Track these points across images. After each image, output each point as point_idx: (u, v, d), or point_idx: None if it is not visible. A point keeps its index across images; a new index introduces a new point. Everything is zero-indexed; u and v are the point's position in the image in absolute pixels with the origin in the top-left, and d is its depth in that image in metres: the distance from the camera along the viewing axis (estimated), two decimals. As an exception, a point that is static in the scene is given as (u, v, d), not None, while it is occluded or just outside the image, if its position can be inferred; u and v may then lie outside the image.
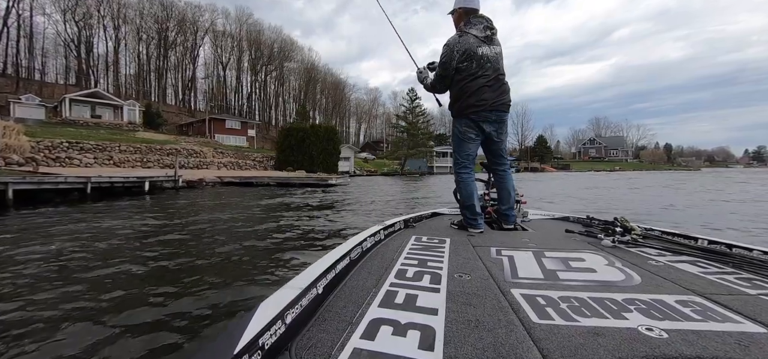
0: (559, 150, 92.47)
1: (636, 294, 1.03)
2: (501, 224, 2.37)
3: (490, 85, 2.30)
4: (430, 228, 2.26)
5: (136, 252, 4.04)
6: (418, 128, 50.82)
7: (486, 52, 2.29)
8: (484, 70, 2.29)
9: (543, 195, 13.05)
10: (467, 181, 2.36)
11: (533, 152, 70.23)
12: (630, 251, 1.59)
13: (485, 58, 2.29)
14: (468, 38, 2.30)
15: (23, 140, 14.45)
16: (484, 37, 2.31)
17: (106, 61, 50.99)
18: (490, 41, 2.32)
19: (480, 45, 2.29)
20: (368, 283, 1.12)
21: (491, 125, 2.34)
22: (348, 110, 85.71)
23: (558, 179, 29.07)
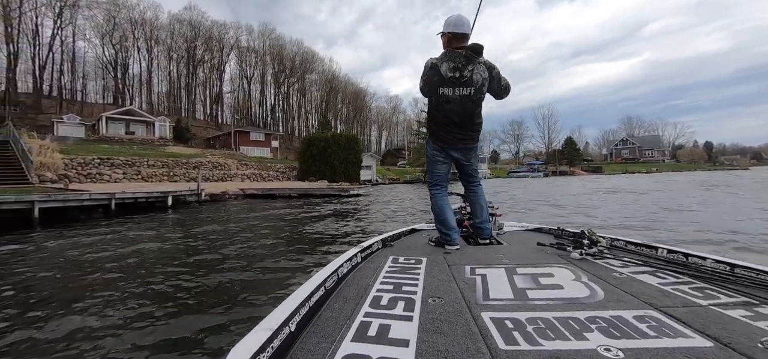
0: (588, 152, 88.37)
1: (598, 311, 1.10)
2: (477, 238, 2.42)
3: (452, 126, 2.27)
4: (408, 247, 2.26)
5: (150, 275, 4.06)
6: (440, 134, 49.98)
7: (448, 93, 2.20)
8: (447, 111, 2.24)
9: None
10: (438, 197, 2.38)
11: (561, 155, 67.32)
12: (596, 264, 1.67)
13: (445, 99, 2.22)
14: (434, 72, 2.22)
15: (57, 157, 15.08)
16: (450, 77, 2.18)
17: (140, 81, 53.82)
18: (457, 83, 2.18)
19: (443, 85, 2.20)
20: (343, 314, 1.13)
21: (458, 152, 2.37)
22: (369, 118, 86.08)
23: (595, 183, 27.35)
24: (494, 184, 34.00)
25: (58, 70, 45.78)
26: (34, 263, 4.87)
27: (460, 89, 2.18)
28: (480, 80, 2.19)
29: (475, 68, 2.18)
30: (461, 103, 2.20)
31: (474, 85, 2.17)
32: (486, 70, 2.22)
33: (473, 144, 2.38)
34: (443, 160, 2.40)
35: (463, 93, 2.18)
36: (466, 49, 2.19)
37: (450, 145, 2.34)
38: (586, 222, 5.29)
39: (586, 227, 2.02)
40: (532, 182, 39.05)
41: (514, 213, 9.07)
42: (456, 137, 2.30)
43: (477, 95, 2.21)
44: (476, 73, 2.18)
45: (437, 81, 2.19)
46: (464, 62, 2.16)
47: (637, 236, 3.08)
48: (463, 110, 2.22)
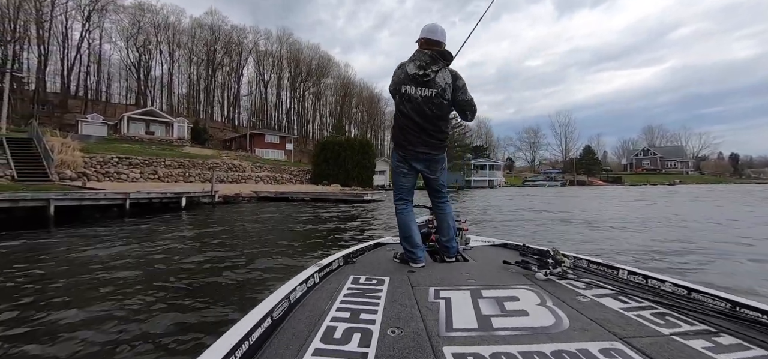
0: (606, 161, 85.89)
1: (564, 344, 1.09)
2: (443, 255, 2.37)
3: (413, 128, 2.20)
4: (371, 264, 2.18)
5: (158, 277, 4.13)
6: (454, 140, 49.35)
7: (410, 92, 2.17)
8: (408, 110, 2.19)
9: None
10: (403, 213, 2.32)
11: (579, 165, 65.57)
12: (561, 285, 1.68)
13: (407, 97, 2.19)
14: (402, 71, 2.22)
15: (77, 155, 15.43)
16: (413, 75, 2.16)
17: (161, 83, 55.32)
18: (420, 82, 2.16)
19: (407, 83, 2.18)
20: (288, 352, 1.03)
21: (420, 163, 2.29)
22: (383, 122, 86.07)
23: (625, 194, 26.34)
24: (509, 193, 33.24)
25: (84, 72, 47.51)
26: (39, 261, 4.83)
27: (422, 89, 2.15)
28: (442, 84, 2.15)
29: (439, 71, 2.16)
30: (423, 104, 2.16)
31: (436, 87, 2.14)
32: (450, 77, 2.19)
33: (437, 155, 2.29)
34: (407, 172, 2.31)
35: (425, 93, 2.15)
36: (433, 49, 2.19)
37: (412, 155, 2.25)
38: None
39: (552, 249, 1.99)
40: (549, 192, 38.00)
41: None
42: (417, 144, 2.21)
43: (439, 99, 2.16)
44: (439, 76, 2.15)
45: (402, 78, 2.19)
46: (428, 61, 2.15)
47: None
48: (425, 112, 2.16)
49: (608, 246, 5.90)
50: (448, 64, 2.24)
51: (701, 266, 4.47)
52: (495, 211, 13.24)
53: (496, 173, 54.91)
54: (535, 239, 6.12)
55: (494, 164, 56.58)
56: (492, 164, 56.24)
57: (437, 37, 2.24)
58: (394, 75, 2.26)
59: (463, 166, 49.18)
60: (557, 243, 5.01)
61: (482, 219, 10.44)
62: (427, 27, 2.27)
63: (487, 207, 16.16)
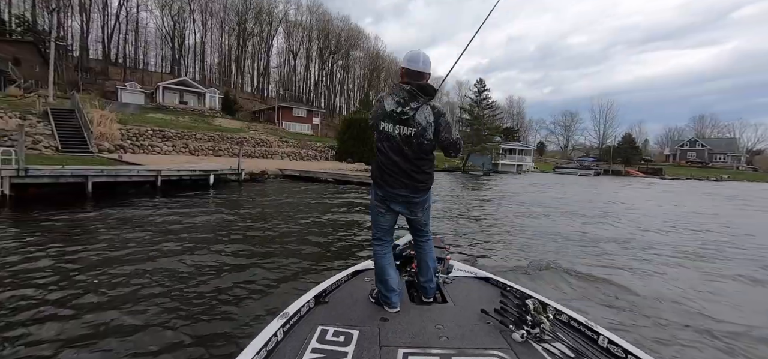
0: (647, 150, 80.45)
1: None
2: (421, 295, 2.28)
3: (391, 168, 2.06)
4: (344, 304, 2.08)
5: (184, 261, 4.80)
6: (484, 122, 47.39)
7: (389, 129, 2.04)
8: (386, 148, 2.06)
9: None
10: (379, 254, 2.18)
11: (616, 153, 61.81)
12: (537, 352, 1.63)
13: (385, 135, 2.06)
14: (380, 105, 2.08)
15: (114, 128, 16.11)
16: (390, 111, 2.02)
17: (194, 52, 56.45)
18: (397, 120, 2.01)
19: (385, 119, 2.04)
20: None
21: (399, 205, 2.14)
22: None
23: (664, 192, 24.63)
24: (535, 181, 31.94)
25: (123, 39, 49.18)
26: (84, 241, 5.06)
27: (401, 128, 2.01)
28: (423, 123, 2.00)
29: (419, 108, 2.00)
30: (402, 143, 2.02)
31: (416, 125, 1.99)
32: (432, 115, 2.03)
33: (419, 197, 2.13)
34: (385, 212, 2.17)
35: (404, 132, 2.01)
36: (412, 84, 2.02)
37: (390, 196, 2.10)
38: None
39: (532, 300, 1.88)
40: (580, 183, 36.26)
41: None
42: (396, 185, 2.07)
43: (420, 138, 2.01)
44: (420, 114, 2.00)
45: (380, 114, 2.05)
46: (406, 98, 1.99)
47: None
48: (404, 151, 2.02)
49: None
50: (430, 100, 2.06)
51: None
52: (498, 214, 12.62)
53: (526, 158, 52.49)
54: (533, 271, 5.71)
55: (524, 149, 53.96)
56: (522, 148, 53.62)
57: (418, 68, 2.05)
58: (372, 109, 2.14)
59: (491, 150, 47.30)
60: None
61: (484, 217, 9.98)
62: (407, 55, 2.09)
63: (505, 196, 15.49)
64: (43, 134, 14.09)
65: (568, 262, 5.42)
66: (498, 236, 7.47)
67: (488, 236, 7.44)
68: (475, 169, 43.04)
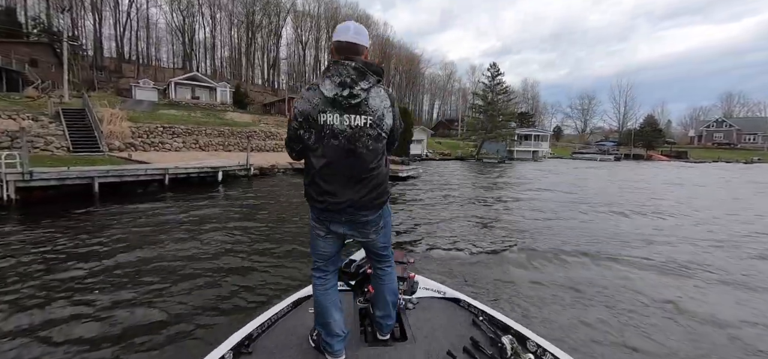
0: (670, 132, 77.04)
1: None
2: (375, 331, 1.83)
3: (331, 177, 1.50)
4: (274, 354, 1.64)
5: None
6: (498, 107, 45.90)
7: (331, 121, 1.45)
8: (327, 148, 1.47)
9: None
10: (320, 290, 1.69)
11: (638, 136, 59.35)
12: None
13: (329, 130, 1.45)
14: (314, 93, 1.47)
15: (125, 126, 16.13)
16: (334, 96, 1.43)
17: (204, 46, 56.68)
18: (345, 106, 1.44)
19: (325, 110, 1.44)
20: None
21: (344, 227, 1.59)
22: (422, 86, 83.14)
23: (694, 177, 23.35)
24: (551, 168, 30.83)
25: (135, 36, 49.70)
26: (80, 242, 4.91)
27: (352, 116, 1.46)
28: (380, 108, 1.49)
29: (372, 89, 1.48)
30: (352, 139, 1.46)
31: (371, 113, 1.47)
32: (388, 99, 1.52)
33: (371, 214, 1.58)
34: (324, 235, 1.64)
35: (356, 123, 1.46)
36: (355, 59, 1.49)
37: (328, 217, 1.58)
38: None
39: (509, 337, 1.63)
40: (599, 168, 34.91)
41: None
42: (340, 201, 1.52)
43: (376, 129, 1.49)
44: (374, 98, 1.48)
45: (316, 103, 1.47)
46: (356, 76, 1.45)
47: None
48: (357, 151, 1.47)
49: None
50: (382, 79, 1.54)
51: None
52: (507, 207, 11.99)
53: (542, 144, 50.89)
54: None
55: (540, 134, 52.24)
56: (538, 133, 51.86)
57: (349, 37, 1.51)
58: (297, 103, 1.52)
59: (505, 136, 45.91)
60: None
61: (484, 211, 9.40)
62: (338, 27, 1.55)
63: (518, 184, 14.76)
64: (55, 135, 14.18)
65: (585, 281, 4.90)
66: (498, 239, 6.95)
67: (486, 237, 6.93)
68: (489, 156, 42.03)
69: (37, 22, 36.54)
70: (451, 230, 7.18)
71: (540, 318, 3.47)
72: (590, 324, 3.37)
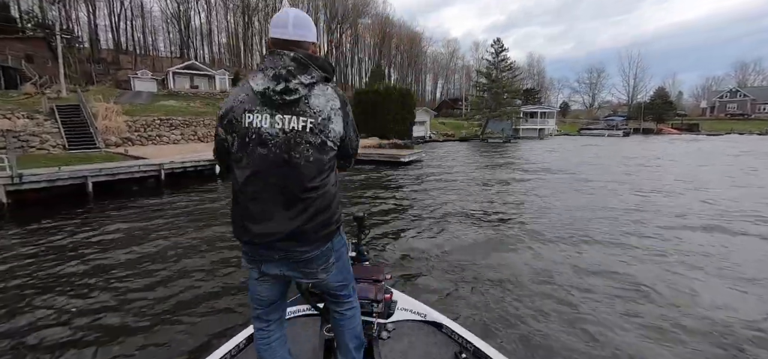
0: (681, 104, 74.92)
1: None
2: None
3: (261, 193, 1.16)
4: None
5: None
6: (503, 84, 44.68)
7: (259, 123, 1.13)
8: (252, 158, 1.14)
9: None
10: (261, 344, 1.37)
11: (648, 109, 57.77)
12: None
13: (255, 134, 1.14)
14: (240, 91, 1.18)
15: (120, 121, 15.87)
16: (263, 90, 1.12)
17: (201, 33, 55.74)
18: (278, 104, 1.13)
19: (252, 108, 1.14)
20: None
21: (280, 267, 1.24)
22: (424, 65, 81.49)
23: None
24: (557, 146, 30.14)
25: (130, 26, 48.95)
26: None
27: (286, 117, 1.13)
28: (325, 110, 1.16)
29: (315, 86, 1.16)
30: (285, 146, 1.13)
31: (313, 115, 1.15)
32: (337, 99, 1.21)
33: (313, 250, 1.23)
34: (258, 276, 1.31)
35: (292, 126, 1.13)
36: (297, 52, 1.16)
37: (258, 256, 1.24)
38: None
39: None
40: (609, 142, 34.17)
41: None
42: (268, 227, 1.16)
43: (319, 136, 1.15)
44: (318, 96, 1.16)
45: (242, 100, 1.16)
46: (294, 68, 1.13)
47: None
48: (293, 161, 1.14)
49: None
50: (331, 79, 1.25)
51: None
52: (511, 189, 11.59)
53: (549, 121, 49.61)
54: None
55: (546, 111, 50.85)
56: (544, 110, 50.48)
57: (288, 34, 1.19)
58: (223, 102, 1.22)
59: (511, 114, 44.79)
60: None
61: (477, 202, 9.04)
62: (274, 19, 1.23)
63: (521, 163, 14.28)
64: (51, 133, 13.98)
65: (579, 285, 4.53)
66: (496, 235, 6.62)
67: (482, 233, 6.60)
68: (494, 136, 41.23)
69: (30, 16, 36.02)
70: (445, 230, 6.38)
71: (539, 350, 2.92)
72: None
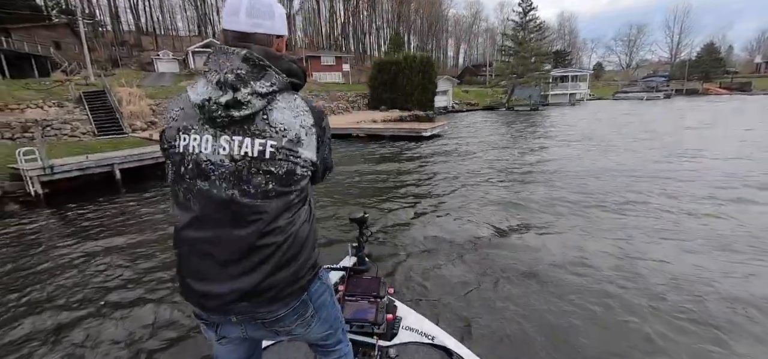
0: (732, 60, 68.12)
1: None
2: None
3: (205, 245, 0.87)
4: None
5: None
6: (531, 48, 41.65)
7: (198, 147, 0.85)
8: (191, 196, 0.87)
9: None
10: None
11: (693, 68, 52.96)
12: None
13: (192, 162, 0.86)
14: (175, 104, 0.92)
15: (144, 105, 16.06)
16: (202, 102, 0.82)
17: (216, 9, 55.40)
18: (219, 121, 0.83)
19: (189, 127, 0.86)
20: None
21: (240, 328, 0.96)
22: (445, 29, 77.93)
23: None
24: (591, 112, 28.21)
25: (149, 6, 49.26)
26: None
27: (234, 140, 0.84)
28: (291, 128, 0.86)
29: (277, 96, 0.86)
30: (233, 180, 0.84)
31: (274, 135, 0.85)
32: (310, 115, 0.90)
33: (283, 309, 0.92)
34: (218, 340, 1.00)
35: (242, 152, 0.84)
36: (252, 49, 0.85)
37: (208, 318, 0.94)
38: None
39: None
40: (651, 108, 31.77)
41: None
42: (216, 287, 0.87)
43: (281, 164, 0.85)
44: (281, 110, 0.86)
45: (179, 117, 0.88)
46: (246, 72, 0.83)
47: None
48: (240, 201, 0.84)
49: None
50: (300, 87, 0.94)
51: None
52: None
53: (581, 85, 46.37)
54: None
55: (578, 74, 47.34)
56: (575, 73, 47.01)
57: (241, 27, 0.87)
58: (164, 118, 0.97)
59: (539, 79, 42.09)
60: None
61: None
62: (225, 5, 0.90)
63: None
64: (80, 120, 14.34)
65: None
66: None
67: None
68: (521, 103, 39.22)
69: (54, 2, 36.78)
70: (464, 225, 5.40)
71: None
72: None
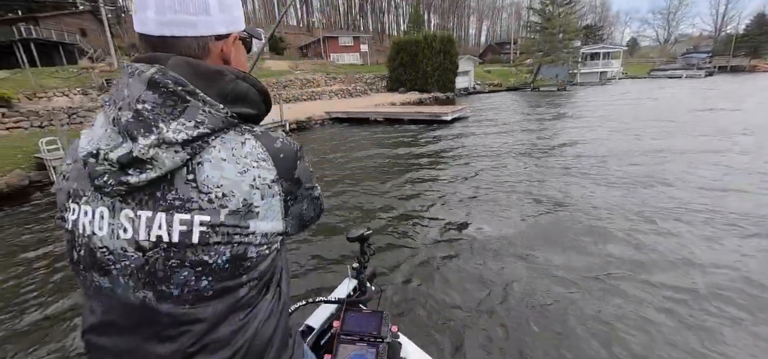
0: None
1: None
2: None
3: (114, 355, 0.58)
4: None
5: None
6: (559, 23, 39.00)
7: (92, 229, 0.55)
8: (90, 295, 0.59)
9: None
10: None
11: (740, 43, 48.54)
12: None
13: (85, 249, 0.56)
14: (66, 158, 0.62)
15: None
16: (88, 156, 0.52)
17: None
18: (110, 189, 0.51)
19: (79, 193, 0.57)
20: None
21: None
22: (467, 6, 74.83)
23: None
24: (624, 91, 26.32)
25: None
26: None
27: (141, 215, 0.53)
28: (235, 190, 0.54)
29: (210, 142, 0.54)
30: (143, 279, 0.54)
31: (205, 205, 0.53)
32: (269, 166, 0.57)
33: None
34: None
35: (154, 236, 0.52)
36: (165, 67, 0.53)
37: None
38: None
39: None
40: (689, 86, 29.47)
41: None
42: None
43: (220, 250, 0.53)
44: (213, 164, 0.54)
45: (68, 177, 0.59)
46: (153, 107, 0.51)
47: None
48: (155, 309, 0.54)
49: None
50: (259, 119, 0.63)
51: None
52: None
53: (613, 63, 43.32)
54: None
55: (610, 51, 44.16)
56: (607, 50, 43.75)
57: (150, 27, 0.57)
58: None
59: (567, 58, 39.60)
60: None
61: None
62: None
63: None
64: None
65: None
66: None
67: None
68: (547, 83, 37.24)
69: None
70: (487, 233, 4.68)
71: None
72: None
